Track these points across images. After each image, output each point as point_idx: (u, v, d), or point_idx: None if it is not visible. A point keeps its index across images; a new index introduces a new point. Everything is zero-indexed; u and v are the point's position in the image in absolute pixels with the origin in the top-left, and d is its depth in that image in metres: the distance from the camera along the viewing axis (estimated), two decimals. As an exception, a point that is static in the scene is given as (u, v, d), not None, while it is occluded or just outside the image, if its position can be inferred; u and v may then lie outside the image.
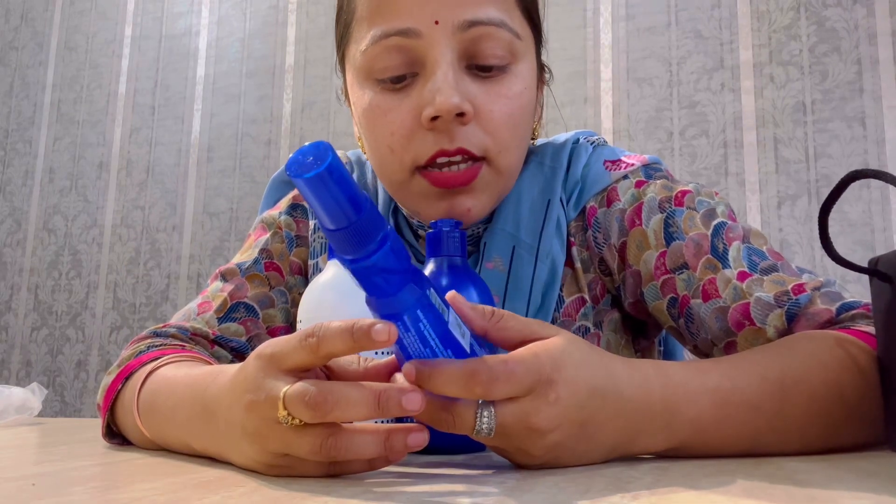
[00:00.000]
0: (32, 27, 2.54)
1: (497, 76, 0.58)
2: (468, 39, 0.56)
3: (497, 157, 0.59)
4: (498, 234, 0.64)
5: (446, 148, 0.56)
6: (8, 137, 2.50)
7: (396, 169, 0.59)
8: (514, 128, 0.59)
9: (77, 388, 2.23)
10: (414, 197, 0.61)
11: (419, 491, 0.35)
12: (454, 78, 0.56)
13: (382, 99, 0.58)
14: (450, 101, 0.54)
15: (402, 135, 0.58)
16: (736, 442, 0.45)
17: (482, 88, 0.57)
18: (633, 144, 1.80)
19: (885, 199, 1.59)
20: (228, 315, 0.68)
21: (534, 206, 0.65)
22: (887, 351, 0.46)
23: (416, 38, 0.56)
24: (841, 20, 1.68)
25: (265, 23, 2.23)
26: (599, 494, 0.33)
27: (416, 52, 0.57)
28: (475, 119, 0.57)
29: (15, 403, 0.76)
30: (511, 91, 0.58)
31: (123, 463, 0.46)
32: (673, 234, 0.60)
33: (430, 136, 0.57)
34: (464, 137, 0.57)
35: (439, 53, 0.56)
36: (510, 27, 0.58)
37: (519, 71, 0.59)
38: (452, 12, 0.55)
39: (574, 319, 0.65)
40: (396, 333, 0.37)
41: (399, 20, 0.56)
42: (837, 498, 0.32)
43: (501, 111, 0.58)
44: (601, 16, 1.89)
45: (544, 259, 0.63)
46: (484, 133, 0.58)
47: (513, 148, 0.60)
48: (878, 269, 0.46)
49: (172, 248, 2.20)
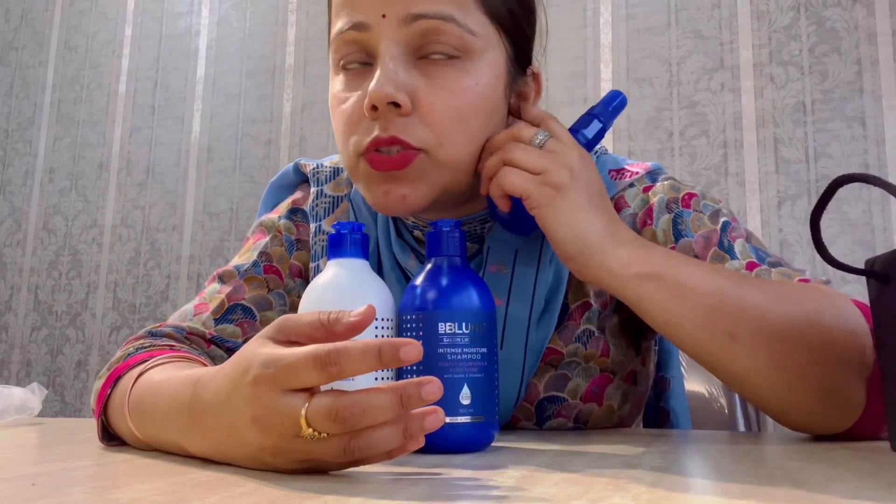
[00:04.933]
0: (32, 27, 2.54)
1: (443, 69, 0.59)
2: (415, 33, 0.58)
3: (437, 149, 0.59)
4: (500, 238, 0.66)
5: (380, 136, 0.58)
6: (8, 137, 2.50)
7: (347, 154, 0.61)
8: (459, 122, 0.59)
9: (77, 388, 2.23)
10: (361, 181, 0.62)
11: (419, 491, 0.35)
12: (394, 69, 0.57)
13: (342, 87, 0.61)
14: (382, 90, 0.56)
15: (351, 122, 0.60)
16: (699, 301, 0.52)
17: (427, 81, 0.58)
18: (633, 144, 1.80)
19: (885, 199, 1.59)
20: (225, 316, 0.69)
21: None
22: (885, 351, 0.46)
23: (367, 31, 0.58)
24: (841, 20, 1.68)
25: (265, 23, 2.23)
26: (599, 494, 0.33)
27: (368, 44, 0.59)
28: (416, 111, 0.58)
29: (15, 403, 0.76)
30: (458, 85, 0.59)
31: (123, 463, 0.46)
32: (682, 231, 0.63)
33: (372, 124, 0.58)
34: (401, 128, 0.57)
35: (385, 46, 0.58)
36: (460, 22, 0.58)
37: (472, 67, 0.59)
38: (399, 7, 0.57)
39: (578, 324, 0.66)
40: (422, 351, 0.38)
41: (354, 14, 0.59)
42: (838, 498, 0.32)
43: (444, 104, 0.58)
44: (601, 16, 1.89)
45: (547, 263, 0.64)
46: (424, 125, 0.58)
47: (457, 142, 0.60)
48: (874, 269, 0.46)
49: (172, 248, 2.20)
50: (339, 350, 0.37)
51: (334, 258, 0.53)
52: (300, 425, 0.37)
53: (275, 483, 0.37)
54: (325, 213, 0.74)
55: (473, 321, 0.49)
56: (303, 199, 0.76)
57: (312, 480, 0.38)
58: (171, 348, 0.62)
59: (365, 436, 0.38)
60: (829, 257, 0.47)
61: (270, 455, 0.39)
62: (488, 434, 0.50)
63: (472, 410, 0.48)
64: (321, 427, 0.37)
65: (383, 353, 0.37)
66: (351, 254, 0.53)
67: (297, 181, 0.79)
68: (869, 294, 0.48)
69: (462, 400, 0.48)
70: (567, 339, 0.65)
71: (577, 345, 0.65)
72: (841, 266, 0.47)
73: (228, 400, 0.41)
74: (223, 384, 0.41)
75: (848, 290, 1.59)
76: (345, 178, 0.75)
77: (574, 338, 0.66)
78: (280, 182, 0.80)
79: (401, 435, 0.38)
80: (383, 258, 0.69)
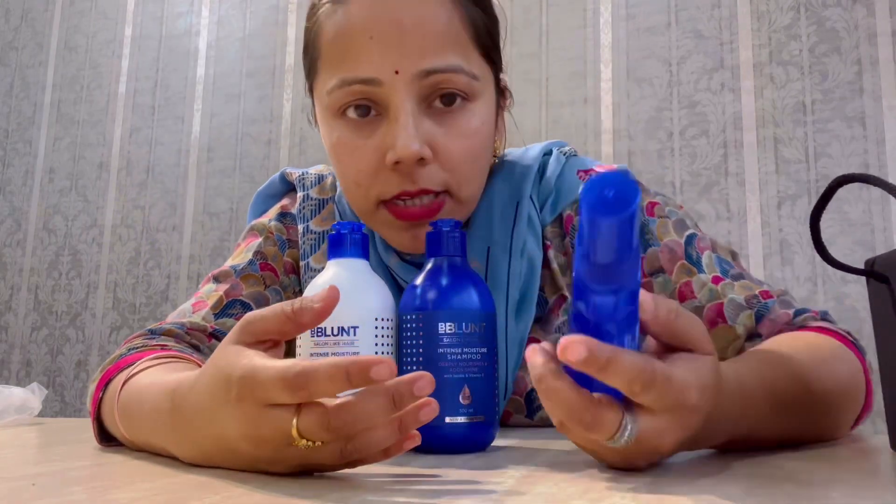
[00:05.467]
0: (32, 27, 2.54)
1: (455, 114, 0.61)
2: (427, 85, 0.60)
3: (458, 190, 0.62)
4: (473, 238, 0.67)
5: (409, 189, 0.60)
6: (8, 137, 2.50)
7: (362, 201, 0.63)
8: (473, 162, 0.63)
9: (77, 388, 2.23)
10: (380, 226, 0.65)
11: (419, 491, 0.35)
12: (414, 124, 0.59)
13: (349, 136, 0.62)
14: (410, 148, 0.58)
15: (367, 172, 0.61)
16: (774, 435, 0.49)
17: (441, 130, 0.61)
18: (633, 144, 1.80)
19: (885, 199, 1.59)
20: (224, 311, 0.70)
21: (504, 210, 0.68)
22: (885, 350, 0.46)
23: (378, 86, 0.59)
24: (841, 20, 1.68)
25: (265, 23, 2.23)
26: (599, 494, 0.33)
27: (377, 98, 0.60)
28: (435, 158, 0.60)
29: (15, 403, 0.76)
30: (469, 128, 0.61)
31: (123, 463, 0.46)
32: (648, 240, 0.67)
33: (394, 176, 0.60)
34: (425, 178, 0.60)
35: (400, 101, 0.59)
36: (467, 71, 0.61)
37: (475, 108, 0.62)
38: (412, 63, 0.58)
39: (558, 315, 0.69)
40: (396, 370, 0.37)
41: (361, 70, 0.59)
42: (838, 498, 0.32)
43: (459, 149, 0.61)
44: (601, 16, 1.89)
45: (519, 255, 0.66)
46: (443, 170, 0.61)
47: (472, 179, 0.64)
48: (874, 270, 0.46)
49: (172, 248, 2.20)
50: (306, 373, 0.36)
51: (334, 258, 0.53)
52: (292, 437, 0.37)
53: (275, 483, 0.37)
54: (311, 215, 0.76)
55: (473, 321, 0.49)
56: (290, 204, 0.78)
57: (313, 482, 0.38)
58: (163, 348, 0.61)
59: (360, 439, 0.38)
60: (829, 257, 0.47)
61: (266, 464, 0.40)
62: (488, 434, 0.50)
63: (471, 410, 0.48)
64: (314, 437, 0.37)
65: (352, 375, 0.36)
66: (351, 254, 0.53)
67: (283, 190, 0.81)
68: (869, 294, 0.48)
69: (462, 400, 0.48)
70: (549, 331, 0.68)
71: (558, 335, 0.67)
72: (841, 266, 0.47)
73: (213, 415, 0.40)
74: (204, 398, 0.41)
75: (848, 290, 1.59)
76: (329, 183, 0.78)
77: (555, 329, 0.68)
78: (267, 191, 0.82)
79: (396, 432, 0.38)
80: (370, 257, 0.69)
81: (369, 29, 0.59)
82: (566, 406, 0.36)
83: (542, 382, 0.37)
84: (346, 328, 0.49)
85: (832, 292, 1.59)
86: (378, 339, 0.50)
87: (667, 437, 0.37)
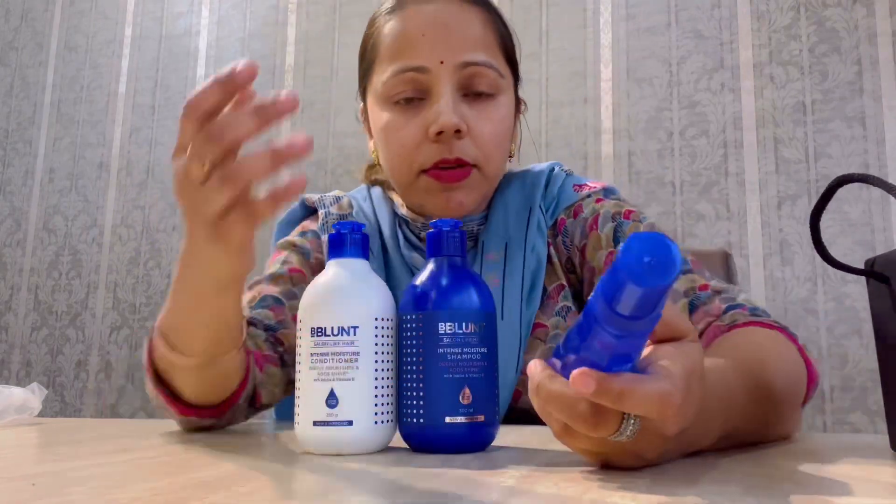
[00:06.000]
0: (32, 27, 2.54)
1: (485, 102, 0.75)
2: (465, 76, 0.74)
3: (485, 164, 0.76)
4: (492, 234, 0.80)
5: (447, 157, 0.73)
6: (8, 137, 2.50)
7: (406, 171, 0.76)
8: (498, 145, 0.77)
9: (77, 388, 2.23)
10: (420, 193, 0.77)
11: (419, 491, 0.35)
12: (454, 103, 0.73)
13: (396, 118, 0.75)
14: (451, 120, 0.72)
15: (411, 145, 0.74)
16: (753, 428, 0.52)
17: (473, 112, 0.75)
18: (633, 144, 1.80)
19: (884, 199, 1.59)
20: (259, 304, 0.76)
21: (519, 213, 0.81)
22: (885, 350, 0.46)
23: (426, 73, 0.74)
24: (841, 20, 1.68)
25: (265, 23, 2.23)
26: (599, 494, 0.33)
27: (425, 84, 0.74)
28: (468, 135, 0.74)
29: (15, 403, 0.76)
30: (496, 115, 0.76)
31: (123, 463, 0.46)
32: (620, 238, 0.77)
33: (434, 147, 0.74)
34: (460, 149, 0.74)
35: (443, 86, 0.73)
36: (495, 67, 0.76)
37: (501, 101, 0.77)
38: (454, 55, 0.73)
39: (556, 301, 0.79)
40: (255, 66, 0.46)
41: (414, 60, 0.74)
42: (838, 498, 0.32)
43: (489, 130, 0.75)
44: (601, 16, 1.89)
45: (531, 251, 0.78)
46: (475, 146, 0.74)
47: (496, 158, 0.77)
48: (874, 270, 0.46)
49: (172, 248, 2.20)
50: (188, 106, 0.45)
51: (334, 258, 0.53)
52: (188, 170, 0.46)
53: (275, 483, 0.37)
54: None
55: (473, 321, 0.49)
56: (310, 223, 0.87)
57: (313, 484, 0.38)
58: None
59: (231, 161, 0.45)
60: (829, 257, 0.47)
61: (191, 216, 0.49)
62: (488, 434, 0.50)
63: (472, 410, 0.48)
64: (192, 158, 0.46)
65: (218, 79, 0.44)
66: (351, 254, 0.53)
67: (302, 215, 0.90)
68: (869, 294, 0.48)
69: (462, 400, 0.48)
70: (549, 315, 0.78)
71: (557, 318, 0.77)
72: (841, 266, 0.47)
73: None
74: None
75: (848, 290, 1.59)
76: (345, 202, 0.87)
77: (554, 313, 0.78)
78: (288, 218, 0.90)
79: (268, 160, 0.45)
80: (393, 257, 0.81)
81: (421, 28, 0.74)
82: (567, 407, 0.36)
83: (542, 389, 0.38)
84: (346, 328, 0.49)
85: (832, 292, 1.59)
86: (378, 339, 0.50)
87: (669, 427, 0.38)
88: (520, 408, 0.74)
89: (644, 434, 0.37)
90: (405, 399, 0.49)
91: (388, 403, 0.50)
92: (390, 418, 0.50)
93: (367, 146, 0.87)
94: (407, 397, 0.49)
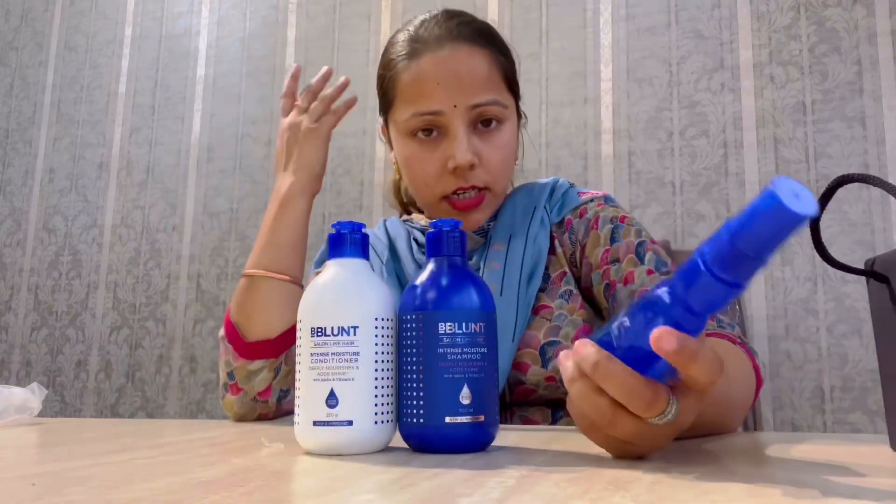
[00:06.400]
0: (32, 27, 2.54)
1: (493, 132, 0.87)
2: (475, 114, 0.86)
3: (495, 185, 0.89)
4: (500, 229, 0.92)
5: (463, 186, 0.86)
6: (8, 137, 2.50)
7: (428, 196, 0.89)
8: (505, 167, 0.89)
9: (77, 388, 2.23)
10: (441, 213, 0.90)
11: (419, 491, 0.35)
12: (467, 141, 0.85)
13: (420, 151, 0.88)
14: (465, 158, 0.84)
15: (433, 176, 0.87)
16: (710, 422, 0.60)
17: (483, 144, 0.87)
18: (633, 144, 1.80)
19: (885, 199, 1.59)
20: None
21: (525, 212, 0.93)
22: (884, 350, 0.46)
23: (441, 116, 0.85)
24: (841, 20, 1.68)
25: (265, 23, 2.23)
26: (599, 495, 0.33)
27: (440, 124, 0.86)
28: (480, 164, 0.86)
29: (15, 403, 0.76)
30: (502, 142, 0.88)
31: (123, 463, 0.46)
32: (615, 238, 0.88)
33: (452, 177, 0.86)
34: (474, 178, 0.86)
35: (457, 126, 0.85)
36: (501, 102, 0.87)
37: (506, 128, 0.89)
38: (465, 99, 0.85)
39: (559, 286, 0.89)
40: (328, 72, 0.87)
41: (431, 106, 0.85)
42: (837, 498, 0.32)
43: (497, 157, 0.87)
44: (601, 16, 1.89)
45: (532, 241, 0.90)
46: (486, 173, 0.87)
47: (503, 179, 0.90)
48: (874, 270, 0.46)
49: (172, 248, 2.20)
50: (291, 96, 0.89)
51: (334, 258, 0.53)
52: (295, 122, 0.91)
53: (275, 483, 0.37)
54: None
55: (473, 321, 0.49)
56: None
57: (313, 482, 0.38)
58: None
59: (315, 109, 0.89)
60: (829, 257, 0.47)
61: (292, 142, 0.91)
62: (488, 434, 0.50)
63: (472, 410, 0.48)
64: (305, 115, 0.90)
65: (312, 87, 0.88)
66: (351, 254, 0.53)
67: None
68: (869, 294, 0.48)
69: (462, 400, 0.48)
70: (553, 297, 0.88)
71: (561, 300, 0.87)
72: (841, 266, 0.47)
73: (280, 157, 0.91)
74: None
75: (848, 290, 1.59)
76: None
77: (558, 295, 0.88)
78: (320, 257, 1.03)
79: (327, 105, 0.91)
80: (406, 260, 0.94)
81: (436, 77, 0.85)
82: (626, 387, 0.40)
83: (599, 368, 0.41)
84: (346, 328, 0.49)
85: (832, 292, 1.59)
86: (378, 339, 0.50)
87: (690, 414, 0.43)
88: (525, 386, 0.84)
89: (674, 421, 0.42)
90: (405, 399, 0.49)
91: (388, 403, 0.50)
92: (390, 418, 0.50)
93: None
94: (407, 397, 0.49)
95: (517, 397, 0.85)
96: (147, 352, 2.17)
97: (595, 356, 0.41)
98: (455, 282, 0.51)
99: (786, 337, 1.61)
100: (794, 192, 0.34)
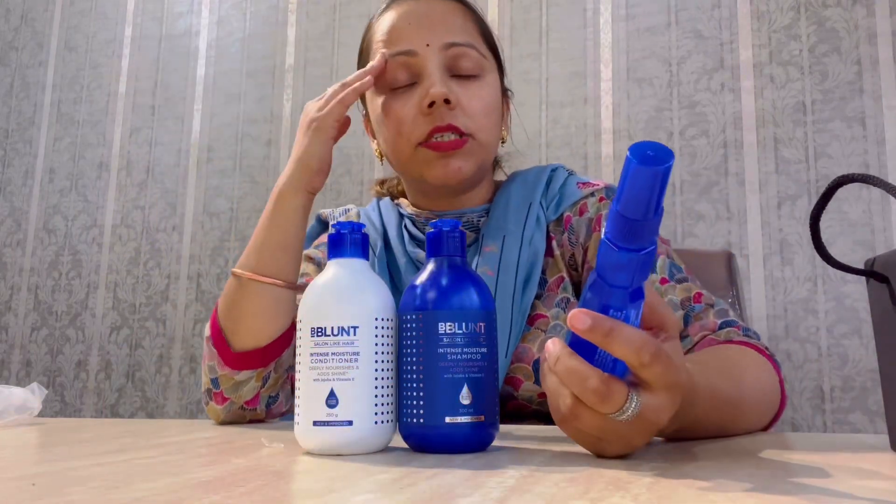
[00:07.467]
0: (32, 27, 2.54)
1: (472, 82, 0.82)
2: (450, 56, 0.81)
3: (478, 133, 0.81)
4: (492, 227, 0.85)
5: (439, 125, 0.79)
6: (8, 137, 2.50)
7: (404, 146, 0.81)
8: (488, 116, 0.82)
9: (77, 388, 2.23)
10: (419, 165, 0.82)
11: (419, 491, 0.35)
12: (442, 78, 0.79)
13: (392, 100, 0.82)
14: (440, 90, 0.78)
15: (407, 121, 0.80)
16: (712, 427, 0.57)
17: (461, 89, 0.81)
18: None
19: (884, 199, 1.59)
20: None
21: (519, 208, 0.86)
22: (884, 350, 0.46)
23: (415, 56, 0.80)
24: (841, 20, 1.68)
25: (265, 23, 2.23)
26: (599, 495, 0.33)
27: (415, 67, 0.81)
28: (459, 108, 0.79)
29: (15, 403, 0.76)
30: (482, 92, 0.82)
31: (123, 463, 0.46)
32: None
33: (428, 118, 0.79)
34: (451, 117, 0.79)
35: (431, 65, 0.80)
36: (478, 49, 0.83)
37: (487, 81, 0.83)
38: (438, 38, 0.81)
39: (556, 293, 0.83)
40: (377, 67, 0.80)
41: (402, 45, 0.81)
42: (837, 498, 0.32)
43: (477, 104, 0.81)
44: (601, 16, 1.89)
45: (527, 244, 0.83)
46: (466, 117, 0.80)
47: (488, 128, 0.82)
48: (874, 270, 0.46)
49: (172, 248, 2.20)
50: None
51: (334, 258, 0.53)
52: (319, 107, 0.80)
53: (275, 483, 0.37)
54: None
55: (473, 321, 0.49)
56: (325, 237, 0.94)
57: (313, 483, 0.38)
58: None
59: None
60: (829, 257, 0.47)
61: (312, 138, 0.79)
62: (488, 434, 0.50)
63: (472, 410, 0.48)
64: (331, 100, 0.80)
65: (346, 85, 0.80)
66: (351, 254, 0.53)
67: (319, 230, 0.98)
68: (869, 294, 0.48)
69: (462, 400, 0.48)
70: (549, 305, 0.81)
71: (557, 309, 0.81)
72: (841, 266, 0.47)
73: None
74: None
75: (848, 290, 1.59)
76: (353, 213, 0.96)
77: (554, 304, 0.81)
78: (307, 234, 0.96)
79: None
80: (398, 253, 0.87)
81: (408, 18, 0.82)
82: (582, 380, 0.41)
83: (560, 363, 0.42)
84: (346, 328, 0.49)
85: (832, 292, 1.59)
86: (378, 339, 0.50)
87: (663, 413, 0.42)
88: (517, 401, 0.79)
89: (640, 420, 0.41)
90: (405, 399, 0.49)
91: (388, 403, 0.50)
92: (390, 418, 0.50)
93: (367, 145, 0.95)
94: (407, 397, 0.49)
95: (509, 412, 0.80)
96: (147, 352, 2.17)
97: (557, 352, 0.43)
98: (455, 281, 0.51)
99: (786, 337, 1.61)
100: (648, 150, 0.38)
